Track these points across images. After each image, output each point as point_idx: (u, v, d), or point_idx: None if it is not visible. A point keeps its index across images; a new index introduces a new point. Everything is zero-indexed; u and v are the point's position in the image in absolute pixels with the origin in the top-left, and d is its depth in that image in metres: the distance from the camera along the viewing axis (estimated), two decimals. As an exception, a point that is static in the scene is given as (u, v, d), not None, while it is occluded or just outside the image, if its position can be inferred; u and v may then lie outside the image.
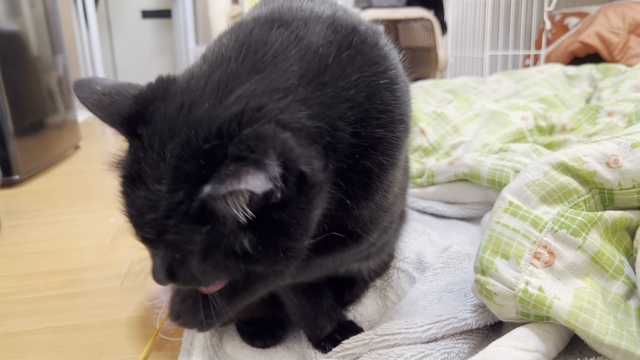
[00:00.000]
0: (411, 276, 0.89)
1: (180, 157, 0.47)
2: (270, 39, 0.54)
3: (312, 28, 0.56)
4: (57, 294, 1.03)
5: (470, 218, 1.17)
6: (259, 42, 0.54)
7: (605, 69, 1.93)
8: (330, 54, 0.54)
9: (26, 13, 2.05)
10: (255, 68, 0.51)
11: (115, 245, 1.28)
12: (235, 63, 0.52)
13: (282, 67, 0.51)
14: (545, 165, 0.71)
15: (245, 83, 0.50)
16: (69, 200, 1.70)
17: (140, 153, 0.50)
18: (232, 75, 0.51)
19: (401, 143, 0.60)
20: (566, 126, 1.47)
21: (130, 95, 0.53)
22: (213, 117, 0.47)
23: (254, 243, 0.48)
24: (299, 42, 0.54)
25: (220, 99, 0.49)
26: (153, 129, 0.50)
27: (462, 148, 1.36)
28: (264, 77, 0.50)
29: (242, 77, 0.50)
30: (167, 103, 0.51)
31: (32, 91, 2.07)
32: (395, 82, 0.58)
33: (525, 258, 0.65)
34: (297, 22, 0.56)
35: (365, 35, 0.59)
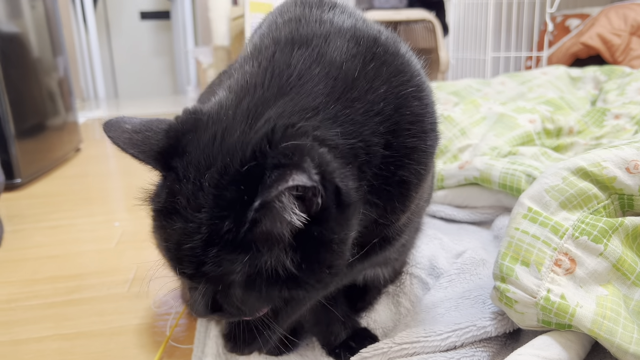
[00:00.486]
0: (424, 282, 0.88)
1: (219, 184, 0.47)
2: (293, 61, 0.53)
3: (334, 43, 0.55)
4: (64, 300, 1.02)
5: (481, 222, 1.16)
6: (282, 66, 0.53)
7: (610, 71, 1.92)
8: (356, 68, 0.53)
9: (27, 15, 2.03)
10: (282, 91, 0.51)
11: (120, 250, 1.27)
12: (262, 89, 0.52)
13: (308, 87, 0.51)
14: (564, 171, 0.70)
15: (273, 107, 0.50)
16: (71, 203, 1.69)
17: (176, 185, 0.50)
18: (259, 101, 0.51)
19: (433, 151, 0.59)
20: (573, 129, 1.47)
21: (161, 130, 0.53)
22: (246, 142, 0.47)
23: (297, 262, 0.48)
24: (322, 60, 0.54)
25: (250, 125, 0.49)
26: (187, 161, 0.50)
27: (470, 151, 1.36)
28: (291, 98, 0.50)
29: (269, 102, 0.50)
30: (199, 134, 0.50)
31: (33, 93, 2.05)
32: (421, 89, 0.58)
33: (546, 265, 0.64)
34: (317, 40, 0.56)
35: (386, 45, 0.58)
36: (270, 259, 0.48)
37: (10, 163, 1.82)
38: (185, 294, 0.92)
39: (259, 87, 0.52)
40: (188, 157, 0.50)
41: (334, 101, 0.51)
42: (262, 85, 0.52)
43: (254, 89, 0.52)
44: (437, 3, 2.88)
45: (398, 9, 2.81)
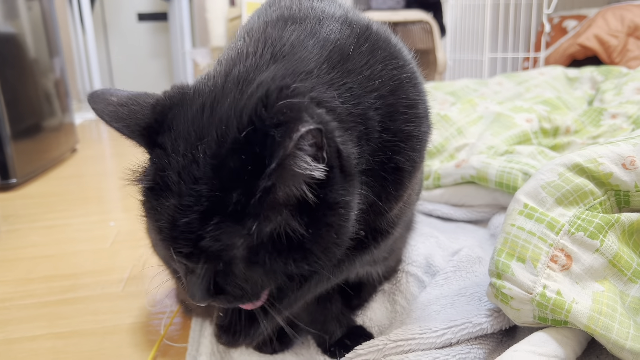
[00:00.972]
0: (420, 280, 0.88)
1: (217, 155, 0.45)
2: (286, 34, 0.53)
3: (327, 25, 0.55)
4: (58, 299, 1.01)
5: (477, 221, 1.15)
6: (275, 38, 0.52)
7: (607, 71, 1.92)
8: (350, 45, 0.53)
9: (23, 15, 2.03)
10: (274, 58, 0.50)
11: (115, 250, 1.26)
12: (254, 57, 0.51)
13: (302, 55, 0.50)
14: (560, 167, 0.70)
15: (265, 72, 0.48)
16: (66, 203, 1.68)
17: (164, 160, 0.48)
18: (251, 68, 0.49)
19: (427, 139, 0.59)
20: (570, 128, 1.46)
21: (147, 104, 0.51)
22: (240, 108, 0.45)
23: (304, 226, 0.46)
24: (315, 36, 0.53)
25: (242, 91, 0.47)
26: (175, 135, 0.48)
27: (467, 150, 1.35)
28: (284, 64, 0.49)
29: (261, 68, 0.49)
30: (186, 107, 0.49)
31: (29, 94, 2.04)
32: (415, 77, 0.58)
33: (542, 261, 0.64)
34: (310, 20, 0.55)
35: (378, 32, 0.58)
36: (278, 224, 0.46)
37: (6, 163, 1.81)
38: (180, 293, 0.92)
39: (250, 55, 0.51)
40: (176, 131, 0.48)
41: (329, 68, 0.50)
42: (254, 54, 0.51)
43: (245, 57, 0.51)
44: (435, 4, 2.88)
45: (395, 10, 2.82)
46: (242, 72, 0.49)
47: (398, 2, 2.86)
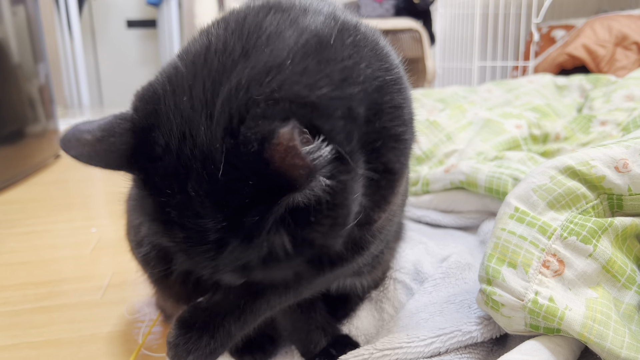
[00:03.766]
0: (408, 287, 0.85)
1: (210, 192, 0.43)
2: (265, 24, 0.49)
3: (311, 16, 0.52)
4: (33, 307, 0.98)
5: (466, 227, 1.13)
6: (252, 29, 0.49)
7: (595, 80, 1.92)
8: (331, 36, 0.49)
9: (7, 20, 1.99)
10: (244, 54, 0.46)
11: (96, 256, 1.22)
12: (223, 56, 0.46)
13: (275, 46, 0.46)
14: (552, 170, 0.68)
15: (228, 80, 0.45)
16: (48, 209, 1.64)
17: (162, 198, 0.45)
18: (216, 76, 0.45)
19: (411, 146, 0.56)
20: (560, 135, 1.45)
21: (125, 131, 0.47)
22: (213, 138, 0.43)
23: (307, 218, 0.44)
24: (295, 24, 0.49)
25: (209, 114, 0.43)
26: (164, 170, 0.45)
27: (456, 156, 1.34)
28: (253, 60, 0.45)
29: (226, 73, 0.45)
30: (165, 132, 0.45)
31: (12, 99, 2.00)
32: (401, 81, 0.55)
33: (534, 267, 0.62)
34: (296, 10, 0.52)
35: (366, 33, 0.55)
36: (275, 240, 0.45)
37: (-15, 169, 1.77)
38: (160, 301, 0.89)
39: (218, 54, 0.47)
40: (162, 164, 0.45)
41: (303, 56, 0.46)
42: (223, 51, 0.47)
43: (212, 58, 0.47)
44: (424, 12, 2.89)
45: (385, 18, 2.82)
46: (208, 84, 0.45)
47: (387, 10, 2.86)
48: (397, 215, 0.67)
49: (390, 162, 0.53)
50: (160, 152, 0.45)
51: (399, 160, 0.53)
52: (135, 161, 0.47)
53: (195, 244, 0.45)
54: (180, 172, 0.44)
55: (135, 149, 0.47)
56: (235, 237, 0.44)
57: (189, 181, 0.43)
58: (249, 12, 0.51)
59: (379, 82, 0.51)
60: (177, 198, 0.44)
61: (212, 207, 0.43)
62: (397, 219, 0.69)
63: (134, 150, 0.47)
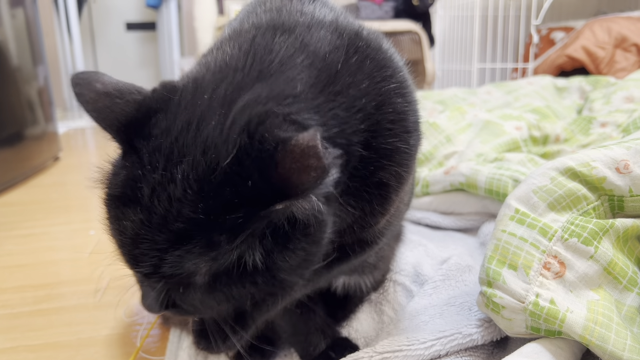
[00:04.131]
0: (408, 289, 0.85)
1: (199, 180, 0.42)
2: (275, 47, 0.50)
3: (317, 34, 0.52)
4: (31, 310, 0.97)
5: (466, 229, 1.12)
6: (264, 50, 0.50)
7: (595, 81, 1.92)
8: (339, 61, 0.50)
9: (6, 23, 2.00)
10: (261, 76, 0.47)
11: (94, 259, 1.21)
12: (242, 73, 0.48)
13: (290, 75, 0.47)
14: (552, 171, 0.68)
15: (250, 91, 0.46)
16: (46, 212, 1.63)
17: (138, 171, 0.44)
18: (238, 85, 0.46)
19: (415, 151, 0.57)
20: (560, 137, 1.45)
21: (132, 101, 0.48)
22: (223, 134, 0.43)
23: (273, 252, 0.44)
24: (305, 49, 0.50)
25: (225, 113, 0.44)
26: (155, 146, 0.44)
27: (456, 158, 1.33)
28: (270, 84, 0.46)
29: (247, 86, 0.46)
30: (171, 117, 0.46)
31: (11, 102, 2.00)
32: (404, 85, 0.55)
33: (535, 268, 0.61)
34: (300, 28, 0.53)
35: (369, 39, 0.56)
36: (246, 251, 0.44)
37: (-16, 171, 1.77)
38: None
39: (239, 71, 0.48)
40: (155, 141, 0.45)
41: (317, 92, 0.47)
42: (242, 69, 0.48)
43: (233, 72, 0.48)
44: (424, 15, 2.89)
45: (384, 20, 2.81)
46: (229, 90, 0.46)
47: (387, 12, 2.86)
48: (402, 215, 0.67)
49: (386, 177, 0.53)
50: (158, 133, 0.45)
51: (397, 173, 0.54)
52: (126, 131, 0.47)
53: (150, 229, 0.43)
54: (173, 152, 0.43)
55: (133, 121, 0.47)
56: (203, 233, 0.42)
57: (180, 164, 0.43)
58: (256, 33, 0.52)
59: (381, 97, 0.52)
60: (157, 177, 0.43)
61: (196, 194, 0.42)
62: (400, 219, 0.70)
63: (131, 122, 0.47)
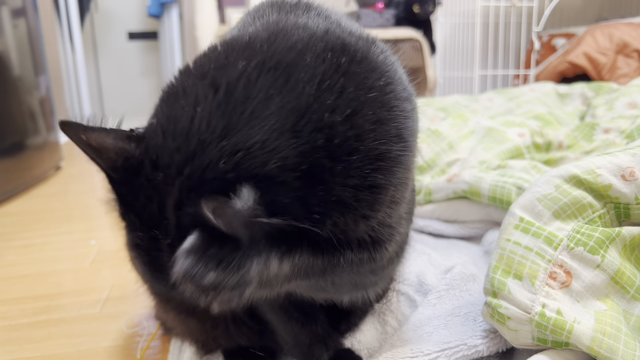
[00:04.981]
0: (412, 299, 0.83)
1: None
2: (254, 92, 0.47)
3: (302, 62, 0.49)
4: (31, 321, 0.96)
5: (470, 237, 1.11)
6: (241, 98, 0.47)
7: (597, 87, 1.91)
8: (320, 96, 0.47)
9: (8, 33, 2.01)
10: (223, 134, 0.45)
11: (95, 269, 1.21)
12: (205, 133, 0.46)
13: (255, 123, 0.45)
14: (557, 179, 0.67)
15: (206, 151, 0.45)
16: (47, 222, 1.63)
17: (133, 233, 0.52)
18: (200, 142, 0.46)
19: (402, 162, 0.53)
20: (563, 143, 1.44)
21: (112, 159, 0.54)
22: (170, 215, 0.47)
23: None
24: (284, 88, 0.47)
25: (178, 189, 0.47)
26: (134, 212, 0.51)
27: (458, 165, 1.32)
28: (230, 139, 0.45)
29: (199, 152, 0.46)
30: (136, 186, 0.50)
31: (12, 112, 2.01)
32: (385, 92, 0.52)
33: (541, 278, 0.60)
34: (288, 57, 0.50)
35: (354, 51, 0.52)
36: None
37: (-15, 182, 1.77)
38: (159, 313, 0.87)
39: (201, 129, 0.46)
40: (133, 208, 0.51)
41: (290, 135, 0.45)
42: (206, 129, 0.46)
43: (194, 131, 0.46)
44: (425, 22, 2.89)
45: (385, 28, 2.81)
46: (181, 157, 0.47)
47: (388, 20, 2.86)
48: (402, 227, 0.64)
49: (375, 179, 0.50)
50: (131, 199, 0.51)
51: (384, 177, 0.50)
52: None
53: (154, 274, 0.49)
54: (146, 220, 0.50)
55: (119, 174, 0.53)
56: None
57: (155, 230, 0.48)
58: (242, 74, 0.48)
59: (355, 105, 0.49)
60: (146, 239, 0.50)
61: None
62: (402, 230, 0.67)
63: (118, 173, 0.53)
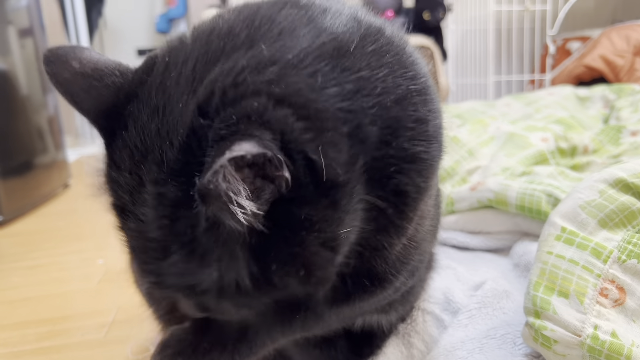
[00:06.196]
0: (439, 319, 0.77)
1: (158, 180, 0.37)
2: (279, 17, 0.43)
3: (332, 17, 0.45)
4: (33, 348, 0.91)
5: (497, 249, 1.04)
6: (264, 19, 0.42)
7: (619, 90, 1.84)
8: (352, 42, 0.43)
9: (15, 53, 2.01)
10: (248, 43, 0.40)
11: (102, 290, 1.15)
12: (224, 40, 0.41)
13: (284, 43, 0.40)
14: (601, 183, 0.60)
15: (224, 62, 0.39)
16: (55, 241, 1.58)
17: (113, 174, 0.40)
18: (213, 56, 0.40)
19: (436, 163, 0.49)
20: (588, 147, 1.37)
21: (112, 84, 0.42)
22: (184, 118, 0.37)
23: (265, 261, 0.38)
24: (313, 24, 0.43)
25: (193, 91, 0.38)
26: (124, 141, 0.39)
27: (480, 173, 1.25)
28: (254, 51, 0.39)
29: (226, 55, 0.39)
30: (140, 105, 0.40)
31: (20, 131, 2.00)
32: (427, 91, 0.48)
33: (590, 295, 0.53)
34: (314, 8, 0.46)
35: (392, 38, 0.49)
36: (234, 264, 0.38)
37: (-8, 201, 1.74)
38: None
39: (222, 38, 0.41)
40: (125, 136, 0.40)
41: (314, 59, 0.40)
42: (226, 35, 0.41)
43: (215, 39, 0.41)
44: (435, 29, 2.84)
45: (395, 36, 2.77)
46: (201, 62, 0.40)
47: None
48: (426, 245, 0.58)
49: (403, 183, 0.45)
50: (130, 123, 0.40)
51: (413, 185, 0.46)
52: (105, 119, 0.42)
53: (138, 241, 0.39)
54: (138, 148, 0.38)
55: (112, 109, 0.42)
56: (176, 242, 0.37)
57: (145, 161, 0.38)
58: (262, 4, 0.45)
59: (400, 92, 0.45)
60: (128, 179, 0.38)
61: (156, 199, 0.37)
62: (427, 248, 0.61)
63: (110, 109, 0.42)
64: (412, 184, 0.45)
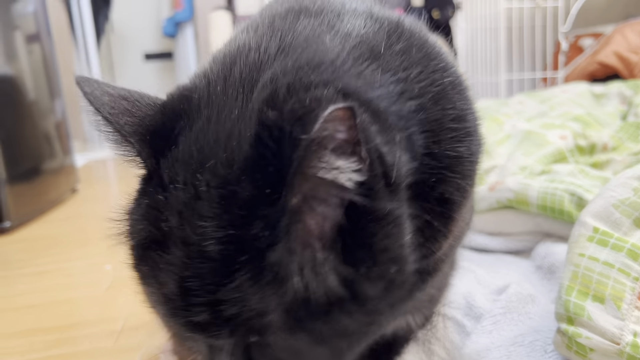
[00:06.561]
0: (460, 324, 0.73)
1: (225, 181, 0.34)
2: (298, 27, 0.42)
3: (348, 20, 0.44)
4: (40, 356, 0.88)
5: (518, 251, 1.00)
6: (284, 30, 0.41)
7: (635, 86, 1.80)
8: (381, 43, 0.41)
9: (22, 58, 2.01)
10: (282, 51, 0.39)
11: (110, 296, 1.13)
12: (257, 52, 0.40)
13: (318, 47, 0.39)
14: (635, 180, 0.57)
15: (271, 67, 0.37)
16: (62, 247, 1.56)
17: (159, 197, 0.36)
18: (254, 66, 0.38)
19: (478, 161, 0.47)
20: (607, 145, 1.33)
21: (155, 104, 0.41)
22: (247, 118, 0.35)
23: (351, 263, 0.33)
24: (334, 30, 0.42)
25: (247, 94, 0.36)
26: (174, 157, 0.37)
27: (497, 172, 1.22)
28: (295, 55, 0.38)
29: (267, 64, 0.38)
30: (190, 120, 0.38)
31: (27, 136, 1.99)
32: (460, 81, 0.46)
33: (627, 300, 0.50)
34: (328, 15, 0.44)
35: (412, 30, 0.46)
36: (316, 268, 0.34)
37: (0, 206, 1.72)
38: (176, 346, 0.78)
39: (253, 50, 0.40)
40: (176, 152, 0.37)
41: (355, 61, 0.38)
42: (257, 49, 0.40)
43: (247, 52, 0.40)
44: (445, 27, 2.81)
45: (404, 35, 2.74)
46: (245, 72, 0.38)
47: (407, 27, 2.79)
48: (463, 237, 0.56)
49: (449, 191, 0.43)
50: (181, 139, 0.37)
51: (461, 187, 0.43)
52: (152, 140, 0.39)
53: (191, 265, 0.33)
54: (193, 159, 0.35)
55: (159, 128, 0.39)
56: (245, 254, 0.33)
57: (203, 169, 0.34)
58: (274, 18, 0.45)
59: (436, 89, 0.42)
60: (180, 195, 0.35)
61: (219, 204, 0.33)
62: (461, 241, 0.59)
63: (158, 128, 0.39)
64: (457, 189, 0.43)
